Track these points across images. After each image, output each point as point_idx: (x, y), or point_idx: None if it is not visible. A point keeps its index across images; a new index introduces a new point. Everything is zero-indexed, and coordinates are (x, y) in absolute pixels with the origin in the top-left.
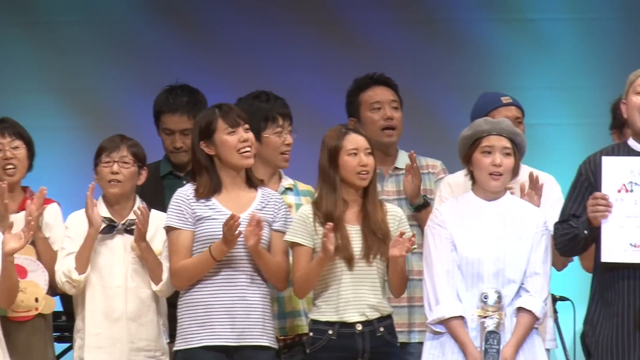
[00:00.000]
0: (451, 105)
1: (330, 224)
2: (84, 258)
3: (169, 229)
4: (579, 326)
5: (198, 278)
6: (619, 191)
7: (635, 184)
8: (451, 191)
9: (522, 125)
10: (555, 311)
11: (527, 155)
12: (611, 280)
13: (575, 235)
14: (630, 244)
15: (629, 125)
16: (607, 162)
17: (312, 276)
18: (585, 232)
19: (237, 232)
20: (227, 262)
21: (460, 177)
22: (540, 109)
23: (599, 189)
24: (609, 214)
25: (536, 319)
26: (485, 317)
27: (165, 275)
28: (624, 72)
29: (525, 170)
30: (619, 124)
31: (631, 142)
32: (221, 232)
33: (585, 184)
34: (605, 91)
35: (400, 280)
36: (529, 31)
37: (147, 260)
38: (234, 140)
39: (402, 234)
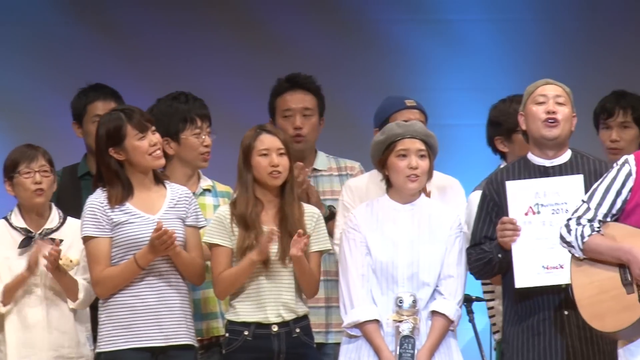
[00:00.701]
0: (370, 106)
1: (274, 229)
2: (12, 293)
3: (86, 239)
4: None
5: (123, 286)
6: (526, 214)
7: (542, 205)
8: (352, 195)
9: None
10: (471, 312)
11: (444, 156)
12: (524, 295)
13: (489, 260)
14: (543, 267)
15: (529, 137)
16: (512, 186)
17: (241, 278)
18: (499, 255)
19: (167, 243)
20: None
21: (361, 180)
22: (456, 110)
23: (504, 206)
24: (519, 238)
25: (450, 321)
26: (400, 321)
27: (81, 293)
28: (539, 74)
29: (434, 174)
30: (505, 131)
31: (531, 156)
32: (140, 236)
33: (491, 204)
34: (520, 92)
35: (308, 280)
36: (446, 32)
37: (61, 281)
38: (145, 145)
39: (300, 234)
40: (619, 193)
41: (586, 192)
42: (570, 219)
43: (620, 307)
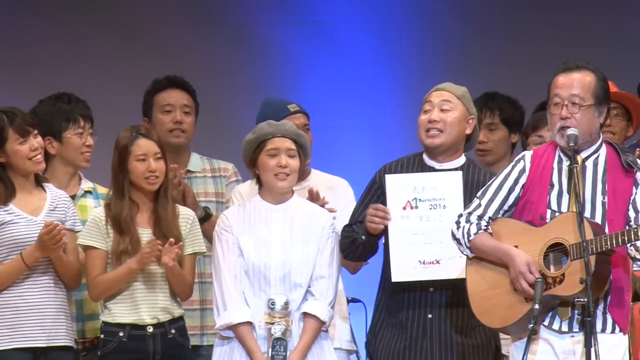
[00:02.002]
0: (245, 107)
1: (154, 239)
2: None
3: None
4: None
5: (7, 285)
6: (404, 208)
7: (420, 200)
8: (242, 199)
9: (310, 132)
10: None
11: (320, 158)
12: (395, 291)
13: (354, 240)
14: (419, 262)
15: None
16: (391, 180)
17: (118, 284)
18: (363, 237)
19: (56, 238)
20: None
21: (249, 185)
22: (333, 112)
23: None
24: (396, 232)
25: (322, 323)
26: (272, 323)
27: None
28: (415, 76)
29: (317, 175)
30: None
31: (425, 157)
32: (24, 237)
33: (378, 192)
34: (397, 93)
35: (181, 284)
36: (322, 34)
37: None
38: (26, 149)
39: (171, 243)
40: (511, 189)
41: (465, 194)
42: (461, 215)
43: (507, 304)
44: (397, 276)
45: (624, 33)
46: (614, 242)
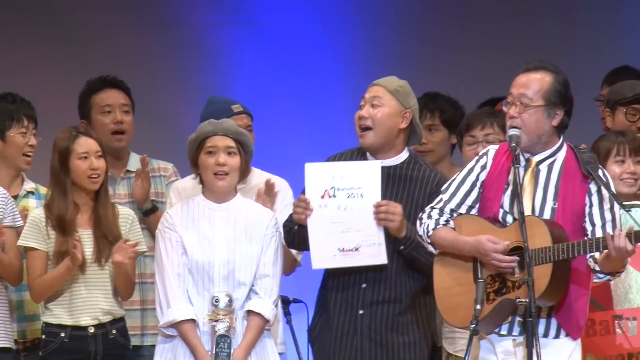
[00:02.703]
0: (186, 107)
1: (78, 236)
2: None
3: None
4: None
5: None
6: (322, 197)
7: (338, 189)
8: (180, 197)
9: (252, 133)
10: (288, 313)
11: (263, 158)
12: (330, 288)
13: (290, 229)
14: (339, 249)
15: None
16: (309, 168)
17: (57, 284)
18: (295, 227)
19: None
20: None
21: (188, 181)
22: (275, 112)
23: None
24: (315, 220)
25: (266, 321)
26: (216, 320)
27: None
28: (358, 76)
29: (258, 175)
30: None
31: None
32: None
33: None
34: (340, 93)
35: (127, 284)
36: (264, 34)
37: None
38: None
39: (126, 240)
40: (473, 185)
41: (395, 188)
42: (424, 211)
43: (470, 303)
44: (317, 264)
45: (563, 37)
46: (570, 252)
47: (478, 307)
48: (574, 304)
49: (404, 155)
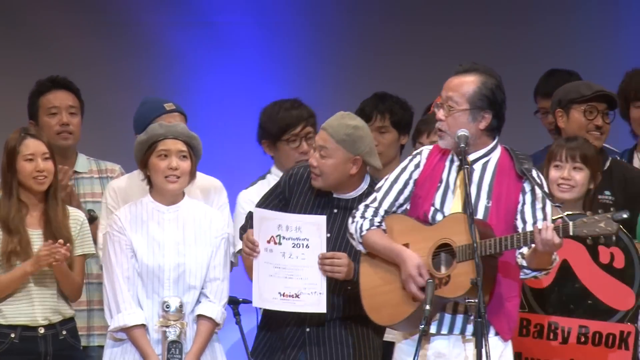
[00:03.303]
0: (134, 108)
1: (61, 241)
2: None
3: None
4: None
5: None
6: (269, 242)
7: (284, 237)
8: (116, 196)
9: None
10: (238, 314)
11: (207, 159)
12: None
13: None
14: (279, 293)
15: None
16: (257, 212)
17: (11, 287)
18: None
19: None
20: None
21: (122, 181)
22: (222, 113)
23: (290, 202)
24: (260, 261)
25: (216, 324)
26: (167, 326)
27: None
28: (305, 77)
29: (198, 177)
30: (271, 136)
31: None
32: None
33: (280, 197)
34: (286, 94)
35: (70, 284)
36: (212, 34)
37: None
38: None
39: (61, 243)
40: (406, 183)
41: (340, 217)
42: (357, 209)
43: (396, 301)
44: (256, 302)
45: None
46: (497, 247)
47: (427, 307)
48: (505, 304)
49: (362, 187)
